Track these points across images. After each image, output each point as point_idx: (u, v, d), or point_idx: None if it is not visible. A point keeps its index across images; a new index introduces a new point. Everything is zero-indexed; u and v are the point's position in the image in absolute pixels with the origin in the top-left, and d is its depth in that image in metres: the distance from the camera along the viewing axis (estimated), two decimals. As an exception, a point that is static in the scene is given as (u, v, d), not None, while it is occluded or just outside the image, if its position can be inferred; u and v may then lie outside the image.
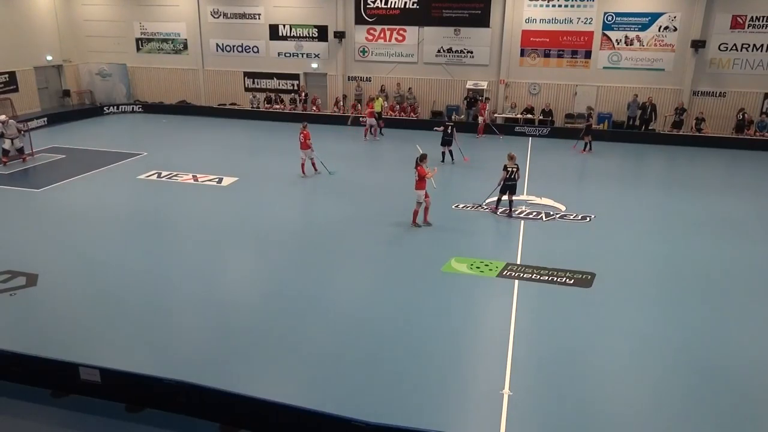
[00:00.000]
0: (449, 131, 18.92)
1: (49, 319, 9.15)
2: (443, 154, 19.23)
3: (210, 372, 7.63)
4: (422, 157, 13.17)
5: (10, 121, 18.79)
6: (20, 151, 18.79)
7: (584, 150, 21.40)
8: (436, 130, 19.65)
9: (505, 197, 14.15)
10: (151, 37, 29.77)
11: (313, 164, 17.72)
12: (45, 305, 9.58)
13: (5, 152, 18.40)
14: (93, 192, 15.96)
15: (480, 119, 23.96)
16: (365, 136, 23.22)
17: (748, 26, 23.03)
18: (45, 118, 25.05)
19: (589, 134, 21.57)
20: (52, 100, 28.83)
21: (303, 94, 27.85)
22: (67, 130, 23.75)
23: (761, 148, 22.28)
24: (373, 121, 23.09)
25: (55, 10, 28.62)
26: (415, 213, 13.40)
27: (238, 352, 8.30)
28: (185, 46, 29.45)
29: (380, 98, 25.12)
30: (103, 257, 11.52)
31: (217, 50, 29.10)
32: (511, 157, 14.06)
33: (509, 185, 13.93)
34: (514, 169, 13.89)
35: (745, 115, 23.18)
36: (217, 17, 28.57)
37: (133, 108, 29.17)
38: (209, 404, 6.92)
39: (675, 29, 23.72)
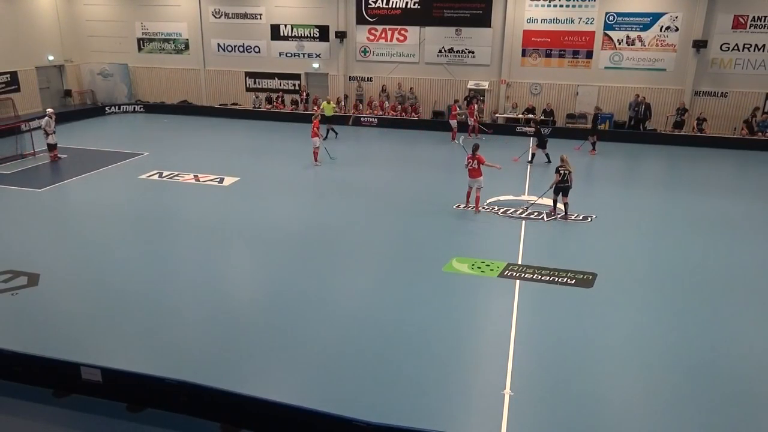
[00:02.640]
0: (542, 132, 18.87)
1: (50, 319, 9.16)
2: (533, 155, 19.48)
3: (211, 372, 7.64)
4: (477, 147, 14.18)
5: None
6: (51, 147, 19.05)
7: (592, 150, 21.32)
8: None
9: (559, 204, 14.24)
10: (152, 37, 29.79)
11: (316, 154, 18.39)
12: (46, 305, 9.59)
13: (51, 147, 18.83)
14: (95, 192, 15.98)
15: (471, 120, 23.91)
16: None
17: (750, 26, 23.00)
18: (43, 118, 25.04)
19: (595, 134, 21.56)
20: (53, 100, 28.84)
21: (304, 94, 27.86)
22: (69, 129, 23.77)
23: (763, 149, 22.25)
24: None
25: (57, 9, 28.66)
26: (477, 199, 14.37)
27: (240, 351, 8.31)
28: (186, 46, 29.47)
29: (329, 101, 24.26)
30: (105, 257, 11.53)
31: (218, 50, 29.11)
32: (563, 160, 14.07)
33: (562, 188, 14.00)
34: (568, 172, 13.89)
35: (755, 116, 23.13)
36: (219, 17, 28.59)
37: (134, 108, 29.20)
38: (210, 404, 6.92)
39: (676, 29, 23.70)
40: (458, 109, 23.59)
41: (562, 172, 13.87)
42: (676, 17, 23.59)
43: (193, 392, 6.91)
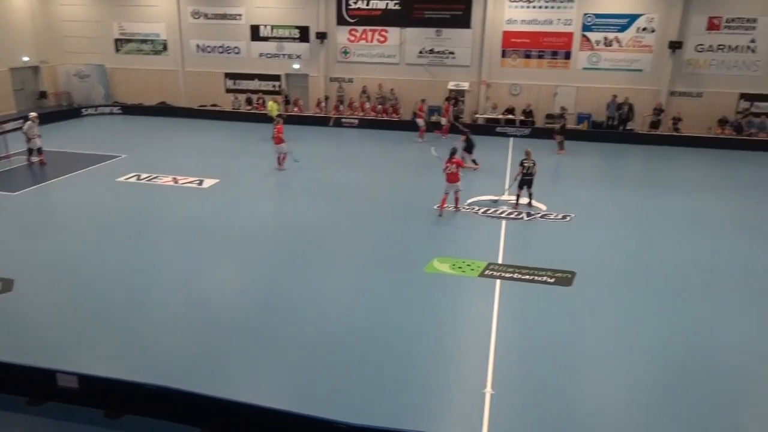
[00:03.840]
0: (469, 137, 18.43)
1: (25, 325, 8.99)
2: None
3: (191, 376, 7.56)
4: (454, 151, 14.31)
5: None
6: (39, 151, 18.71)
7: (560, 150, 21.55)
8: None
9: (522, 196, 14.83)
10: (130, 37, 29.44)
11: (281, 160, 18.12)
12: (21, 311, 9.41)
13: (39, 151, 18.54)
14: (71, 195, 15.74)
15: (443, 120, 24.03)
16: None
17: (724, 27, 23.42)
18: (21, 120, 24.58)
19: (562, 134, 21.80)
20: (28, 101, 28.36)
21: (284, 96, 27.72)
22: (45, 132, 23.20)
23: (737, 147, 22.69)
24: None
25: (32, 10, 28.20)
26: (457, 199, 14.50)
27: (220, 355, 8.24)
28: (165, 47, 29.17)
29: (275, 101, 24.05)
30: (82, 261, 11.36)
31: (197, 51, 28.86)
32: (527, 153, 14.82)
33: (527, 180, 14.64)
34: (531, 165, 14.55)
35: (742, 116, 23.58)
36: (198, 18, 28.34)
37: (111, 110, 28.79)
38: (190, 409, 6.85)
39: (653, 30, 24.04)
40: (424, 107, 23.69)
41: (525, 165, 14.52)
42: (653, 18, 23.94)
43: (173, 397, 6.84)
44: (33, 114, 19.25)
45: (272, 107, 23.72)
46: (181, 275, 10.87)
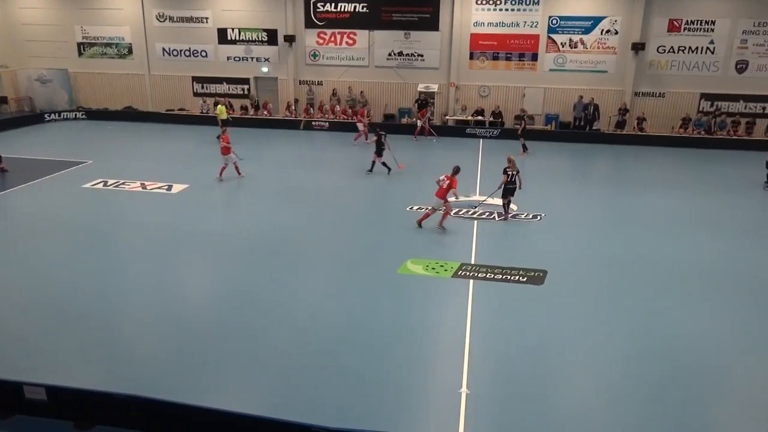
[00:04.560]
0: (382, 140, 18.20)
1: (-11, 337, 8.73)
2: (373, 163, 18.49)
3: (163, 384, 7.43)
4: (458, 170, 13.25)
5: None
6: None
7: (523, 152, 21.81)
8: (367, 143, 19.30)
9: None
10: (93, 41, 28.87)
11: (237, 168, 17.58)
12: (-15, 322, 9.13)
13: None
14: (35, 202, 15.34)
15: (419, 122, 24.35)
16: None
17: (684, 29, 24.11)
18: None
19: (523, 135, 22.12)
20: (-12, 107, 27.59)
21: (254, 100, 27.49)
22: (5, 138, 22.74)
23: (699, 146, 23.36)
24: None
25: (-10, 13, 27.45)
26: (426, 215, 13.53)
27: (192, 362, 8.12)
28: (130, 51, 28.69)
29: (222, 104, 23.91)
30: (48, 269, 11.07)
31: (163, 54, 28.45)
32: (510, 161, 14.14)
33: (509, 188, 14.03)
34: (515, 173, 13.95)
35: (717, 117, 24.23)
36: (163, 21, 27.95)
37: (76, 115, 28.19)
38: (162, 417, 6.73)
39: (616, 32, 24.59)
40: (366, 113, 23.90)
41: (509, 173, 13.97)
42: (616, 21, 24.48)
43: (144, 406, 6.71)
44: None
45: (221, 111, 23.42)
46: (151, 281, 10.67)
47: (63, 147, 22.21)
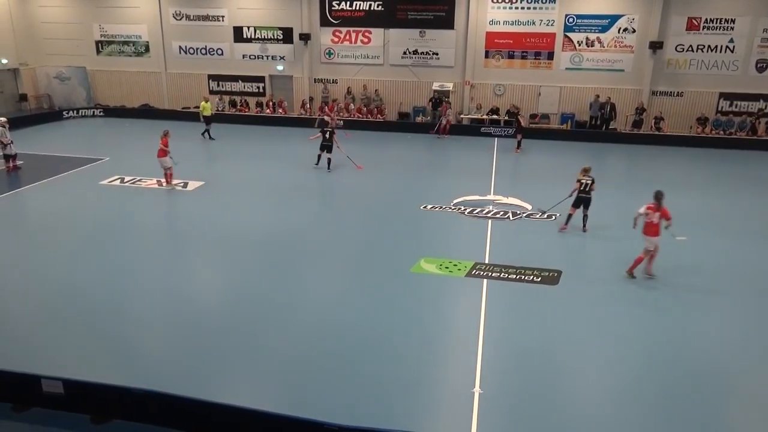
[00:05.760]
0: (328, 136, 18.18)
1: (8, 331, 8.85)
2: (318, 157, 18.57)
3: (179, 380, 7.50)
4: (660, 194, 10.83)
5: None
6: (14, 157, 18.14)
7: (517, 149, 21.65)
8: (310, 139, 19.18)
9: (578, 211, 13.29)
10: (111, 39, 29.16)
11: (166, 176, 16.46)
12: (4, 316, 9.27)
13: (8, 157, 17.87)
14: (52, 199, 15.54)
15: (443, 119, 24.44)
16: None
17: (703, 28, 23.78)
18: (0, 124, 24.22)
19: (520, 133, 21.98)
20: (7, 104, 27.96)
21: (270, 99, 27.58)
22: (25, 135, 23.04)
23: (719, 146, 23.04)
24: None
25: (10, 11, 27.80)
26: (639, 260, 10.93)
27: (208, 358, 8.18)
28: (147, 49, 28.93)
29: (207, 100, 23.84)
30: (65, 265, 11.23)
31: (180, 52, 28.66)
32: (585, 170, 13.13)
33: (583, 198, 13.19)
34: (589, 182, 13.01)
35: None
36: (180, 19, 28.15)
37: (93, 112, 28.51)
38: (177, 412, 6.80)
39: (633, 31, 24.33)
40: (334, 109, 24.09)
41: (583, 181, 13.02)
42: (633, 19, 24.22)
43: (160, 401, 6.78)
44: (2, 118, 18.33)
45: (205, 107, 23.39)
46: (166, 278, 10.78)
47: (81, 144, 22.48)
